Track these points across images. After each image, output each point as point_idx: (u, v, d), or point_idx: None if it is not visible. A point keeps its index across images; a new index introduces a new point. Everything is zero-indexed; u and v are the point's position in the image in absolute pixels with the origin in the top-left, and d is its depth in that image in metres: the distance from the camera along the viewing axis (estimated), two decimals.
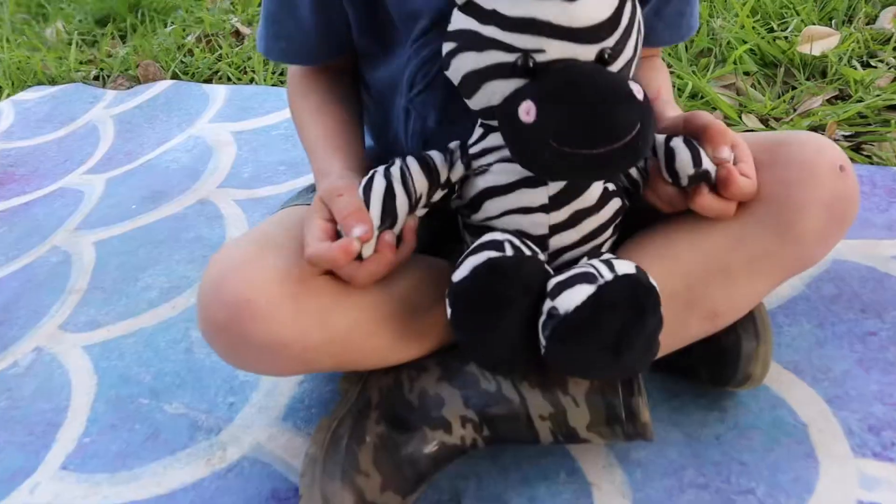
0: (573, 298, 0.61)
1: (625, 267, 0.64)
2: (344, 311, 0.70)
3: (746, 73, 1.52)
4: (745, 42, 1.57)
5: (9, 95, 2.02)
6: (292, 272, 0.68)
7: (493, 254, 0.63)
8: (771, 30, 1.65)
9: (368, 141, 0.97)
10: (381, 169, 0.71)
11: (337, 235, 0.68)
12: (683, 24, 0.88)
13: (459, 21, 0.64)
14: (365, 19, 0.80)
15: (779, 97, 1.44)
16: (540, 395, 0.73)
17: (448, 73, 0.67)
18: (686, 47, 1.60)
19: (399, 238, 0.71)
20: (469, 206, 0.73)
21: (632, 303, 0.61)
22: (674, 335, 0.74)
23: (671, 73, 1.50)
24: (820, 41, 1.53)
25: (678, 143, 0.68)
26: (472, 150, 0.71)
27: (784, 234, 0.68)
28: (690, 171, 0.67)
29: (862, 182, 1.15)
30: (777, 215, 0.68)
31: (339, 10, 0.80)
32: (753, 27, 1.61)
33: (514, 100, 0.61)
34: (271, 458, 0.85)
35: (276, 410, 0.91)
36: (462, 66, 0.65)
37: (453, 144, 0.72)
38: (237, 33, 2.05)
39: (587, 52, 0.61)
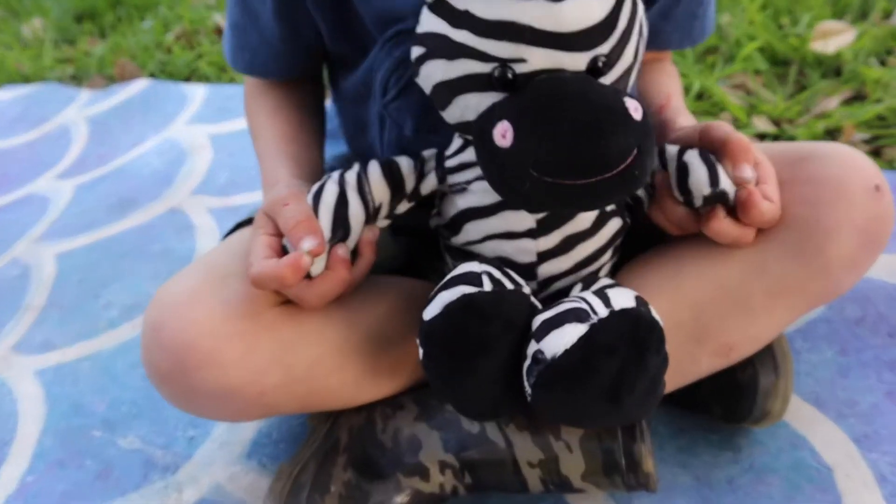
0: (562, 340, 0.52)
1: (622, 299, 0.55)
2: (304, 346, 0.63)
3: (756, 72, 1.44)
4: (755, 39, 1.49)
5: None
6: (241, 307, 0.61)
7: (468, 289, 0.54)
8: (781, 26, 1.57)
9: (343, 148, 0.88)
10: (335, 174, 0.63)
11: (284, 251, 0.60)
12: (696, 28, 0.79)
13: (429, 22, 0.55)
14: (335, 23, 0.72)
15: (791, 97, 1.36)
16: (529, 440, 0.65)
17: (418, 81, 0.58)
18: None
19: (356, 253, 0.63)
20: (449, 226, 0.65)
21: (631, 343, 0.52)
22: (681, 371, 0.66)
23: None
24: (834, 38, 1.45)
25: (693, 158, 0.60)
26: (448, 164, 0.62)
27: (810, 261, 0.60)
28: (706, 190, 0.58)
29: None
30: (802, 241, 0.60)
31: (306, 18, 0.71)
32: (764, 23, 1.53)
33: (488, 119, 0.52)
34: (232, 501, 0.76)
35: (239, 446, 0.82)
36: (432, 74, 0.56)
37: (428, 153, 0.64)
38: (219, 30, 1.96)
39: (577, 61, 0.52)
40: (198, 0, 2.26)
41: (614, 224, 0.63)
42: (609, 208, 0.62)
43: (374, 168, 0.63)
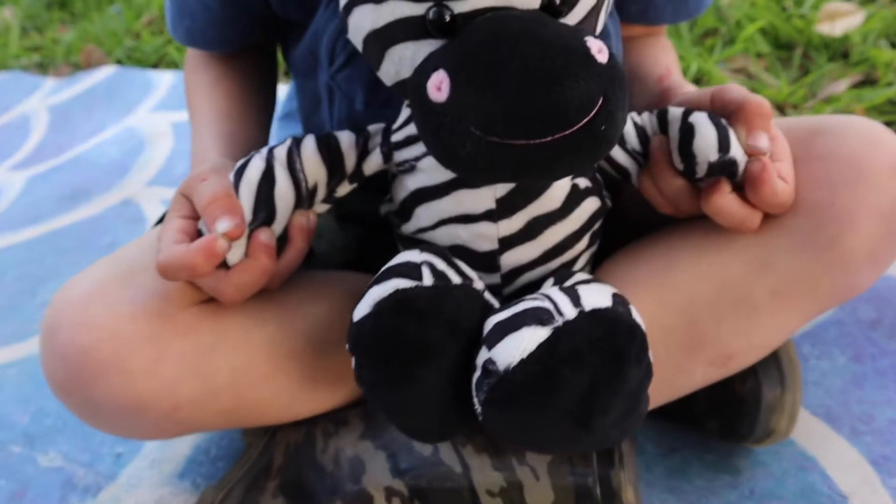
0: (518, 347, 0.42)
1: (595, 297, 0.45)
2: (226, 351, 0.54)
3: (758, 55, 1.36)
4: (756, 20, 1.40)
5: None
6: (151, 305, 0.52)
7: (403, 283, 0.44)
8: (784, 8, 1.49)
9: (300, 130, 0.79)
10: (264, 149, 0.54)
11: (200, 236, 0.51)
12: (690, 0, 0.71)
13: None
14: None
15: (795, 82, 1.28)
16: (488, 464, 0.55)
17: (350, 37, 0.48)
18: (689, 26, 1.43)
19: (286, 240, 0.54)
20: (399, 213, 0.56)
21: (605, 352, 0.43)
22: (670, 383, 0.57)
23: None
24: (842, 19, 1.37)
25: (701, 119, 0.50)
26: (394, 138, 0.53)
27: (824, 253, 0.51)
28: (713, 156, 0.49)
29: None
30: (814, 229, 0.51)
31: None
32: (765, 4, 1.45)
33: (423, 71, 0.42)
34: None
35: (172, 464, 0.73)
36: (360, 24, 0.46)
37: (374, 127, 0.55)
38: None
39: None
40: None
41: (591, 204, 0.54)
42: (583, 184, 0.53)
43: (308, 143, 0.53)
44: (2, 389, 0.86)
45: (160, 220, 0.67)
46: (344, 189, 0.55)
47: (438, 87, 0.41)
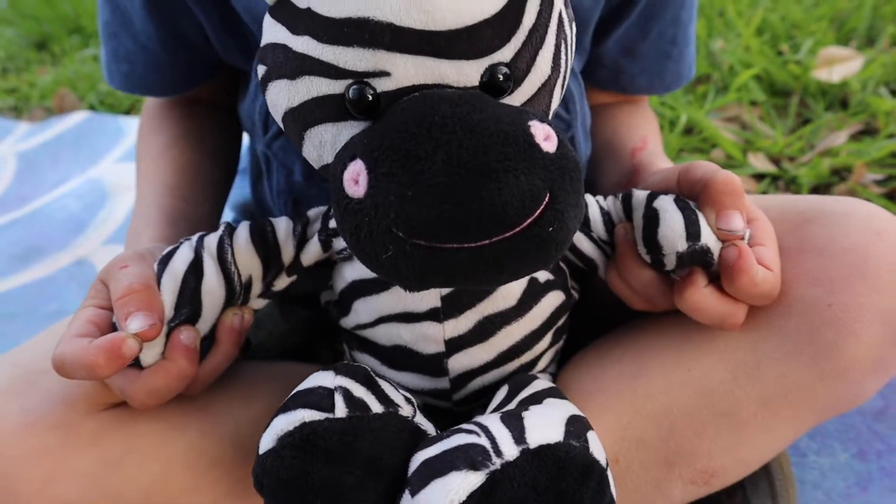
0: (446, 496, 0.36)
1: (542, 429, 0.39)
2: (140, 464, 0.49)
3: (753, 104, 1.32)
4: (751, 66, 1.37)
5: None
6: (50, 415, 0.47)
7: (311, 415, 0.37)
8: (780, 53, 1.47)
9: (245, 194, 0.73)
10: (194, 237, 0.48)
11: (113, 329, 0.45)
12: (668, 71, 0.68)
13: (269, 30, 0.40)
14: (220, 22, 0.58)
15: (792, 132, 1.24)
16: None
17: (270, 110, 0.42)
18: None
19: (213, 341, 0.49)
20: (338, 304, 0.50)
21: (553, 499, 0.36)
22: (645, 502, 0.49)
23: (660, 101, 1.27)
24: (840, 65, 1.34)
25: (666, 204, 0.45)
26: (333, 224, 0.47)
27: (821, 361, 0.46)
28: (681, 246, 0.44)
29: None
30: (810, 332, 0.46)
31: (185, 14, 0.59)
32: (761, 49, 1.42)
33: (340, 159, 0.37)
34: None
35: None
36: (276, 101, 0.41)
37: (313, 212, 0.50)
38: None
39: (464, 73, 0.37)
40: None
41: (552, 299, 0.48)
42: (543, 278, 0.47)
43: (241, 232, 0.48)
44: None
45: None
46: (282, 282, 0.49)
47: (355, 180, 0.35)
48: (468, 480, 0.36)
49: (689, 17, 0.66)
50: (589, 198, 0.48)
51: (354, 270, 0.47)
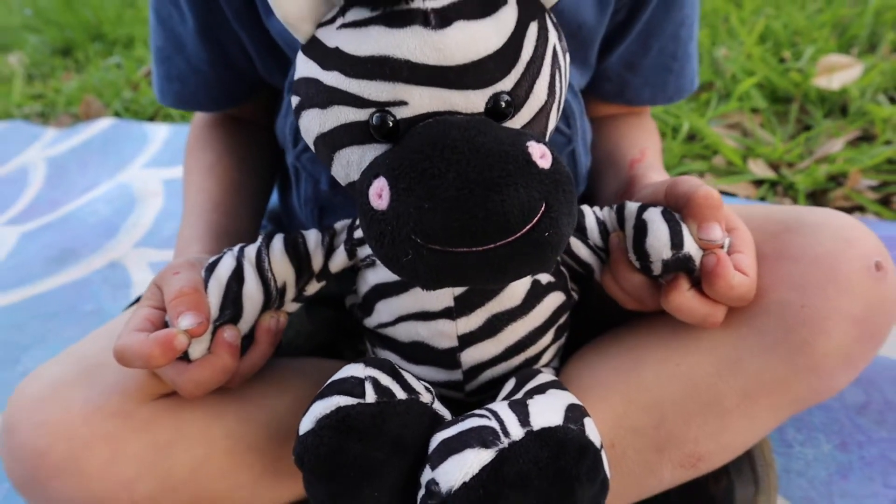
0: (460, 470, 0.41)
1: (545, 414, 0.44)
2: (185, 448, 0.54)
3: (754, 111, 1.35)
4: (753, 74, 1.40)
5: None
6: (109, 403, 0.52)
7: (344, 400, 0.43)
8: (782, 60, 1.49)
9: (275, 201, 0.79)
10: (236, 248, 0.54)
11: (165, 328, 0.51)
12: (671, 84, 0.72)
13: (302, 66, 0.45)
14: (262, 45, 0.64)
15: (792, 138, 1.27)
16: None
17: (302, 134, 0.47)
18: None
19: (252, 339, 0.54)
20: (362, 306, 0.55)
21: (552, 474, 0.42)
22: (638, 484, 0.56)
23: (664, 109, 1.31)
24: (840, 73, 1.37)
25: (654, 216, 0.50)
26: (356, 234, 0.53)
27: (795, 356, 0.50)
28: (666, 254, 0.48)
29: (891, 246, 0.93)
30: (785, 331, 0.50)
31: (232, 38, 0.65)
32: (763, 57, 1.45)
33: (365, 177, 0.42)
34: None
35: None
36: (309, 127, 0.46)
37: (339, 224, 0.55)
38: None
39: (471, 101, 0.42)
40: None
41: (554, 300, 0.53)
42: (545, 280, 0.53)
43: (276, 243, 0.53)
44: None
45: (133, 303, 0.66)
46: (313, 287, 0.55)
47: (379, 194, 0.40)
48: (480, 456, 0.41)
49: (688, 35, 0.70)
50: (586, 208, 0.53)
51: (376, 275, 0.53)
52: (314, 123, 0.45)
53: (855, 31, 1.51)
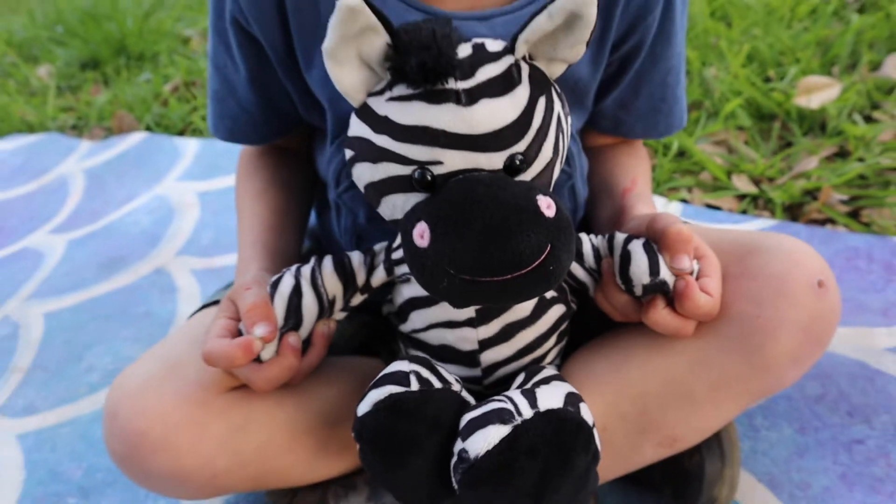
0: (485, 441, 0.53)
1: (549, 399, 0.56)
2: (253, 430, 0.66)
3: (740, 128, 1.45)
4: (739, 94, 1.49)
5: None
6: (193, 394, 0.64)
7: (395, 389, 0.56)
8: (768, 79, 1.57)
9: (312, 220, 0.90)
10: (293, 267, 0.65)
11: (240, 335, 0.62)
12: (660, 122, 0.80)
13: (355, 126, 0.57)
14: (304, 96, 0.74)
15: (775, 154, 1.37)
16: None
17: (354, 180, 0.59)
18: None
19: (309, 343, 0.65)
20: (398, 314, 0.67)
21: (555, 445, 0.54)
22: (625, 460, 0.67)
23: None
24: (819, 93, 1.45)
25: (636, 247, 0.61)
26: (394, 256, 0.64)
27: (752, 358, 0.61)
28: (646, 279, 0.59)
29: (858, 256, 1.07)
30: (744, 337, 0.61)
31: (279, 87, 0.74)
32: (748, 77, 1.54)
33: (410, 219, 0.54)
34: None
35: None
36: (361, 176, 0.58)
37: (378, 246, 0.66)
38: None
39: (492, 161, 0.53)
40: (199, 47, 2.30)
41: (556, 311, 0.65)
42: (549, 295, 0.64)
43: (327, 263, 0.64)
44: (57, 447, 0.97)
45: (197, 311, 0.78)
46: (357, 300, 0.66)
47: (421, 235, 0.52)
48: (500, 431, 0.53)
49: (675, 80, 0.78)
50: (583, 236, 0.65)
51: (410, 290, 0.64)
52: (366, 174, 0.56)
53: (837, 51, 1.58)
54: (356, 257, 0.65)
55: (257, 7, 0.68)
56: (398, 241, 0.64)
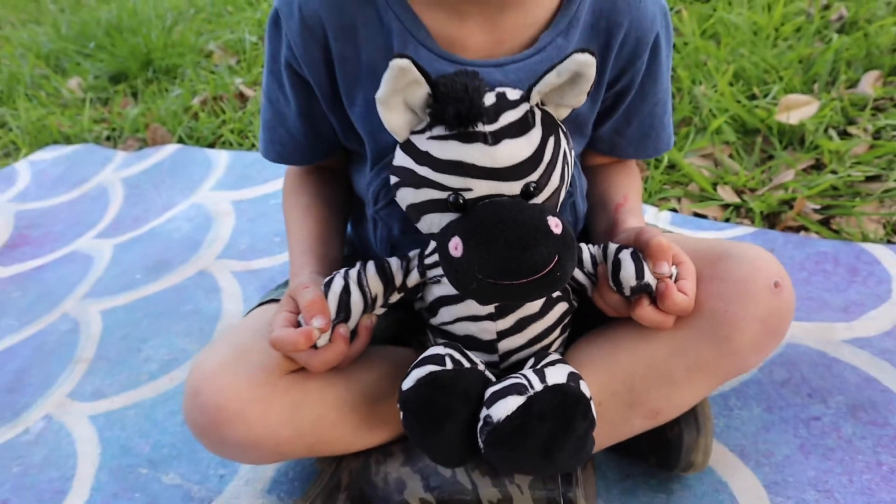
0: (505, 408, 0.67)
1: (555, 376, 0.70)
2: (309, 407, 0.77)
3: (726, 143, 1.55)
4: (725, 111, 1.60)
5: (26, 154, 2.09)
6: (260, 376, 0.75)
7: (434, 368, 0.69)
8: (753, 96, 1.67)
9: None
10: (342, 270, 0.77)
11: (299, 326, 0.74)
12: (649, 145, 0.90)
13: (400, 158, 0.70)
14: (345, 128, 0.86)
15: (757, 166, 1.47)
16: (490, 483, 0.80)
17: (397, 200, 0.73)
18: None
19: (356, 333, 0.77)
20: (428, 310, 0.79)
21: (559, 412, 0.67)
22: (617, 430, 0.80)
23: None
24: (798, 110, 1.56)
25: (625, 256, 0.72)
26: (427, 261, 0.77)
27: (720, 346, 0.72)
28: (633, 282, 0.71)
29: (825, 260, 1.19)
30: (715, 329, 0.72)
31: (323, 118, 0.86)
32: (734, 95, 1.63)
33: (445, 234, 0.66)
34: None
35: (262, 483, 0.97)
36: (404, 198, 0.71)
37: (412, 253, 0.78)
38: (241, 95, 2.12)
39: (512, 188, 0.66)
40: (220, 61, 2.43)
41: (561, 307, 0.78)
42: (555, 295, 0.77)
43: (370, 267, 0.77)
44: (126, 426, 1.10)
45: (258, 305, 0.90)
46: (394, 298, 0.79)
47: (455, 247, 0.65)
48: (516, 400, 0.67)
49: (663, 111, 0.87)
50: (583, 246, 0.76)
51: (441, 289, 0.76)
52: (409, 197, 0.70)
53: (817, 70, 1.67)
54: (394, 262, 0.78)
55: (309, 56, 0.79)
56: (429, 248, 0.77)
